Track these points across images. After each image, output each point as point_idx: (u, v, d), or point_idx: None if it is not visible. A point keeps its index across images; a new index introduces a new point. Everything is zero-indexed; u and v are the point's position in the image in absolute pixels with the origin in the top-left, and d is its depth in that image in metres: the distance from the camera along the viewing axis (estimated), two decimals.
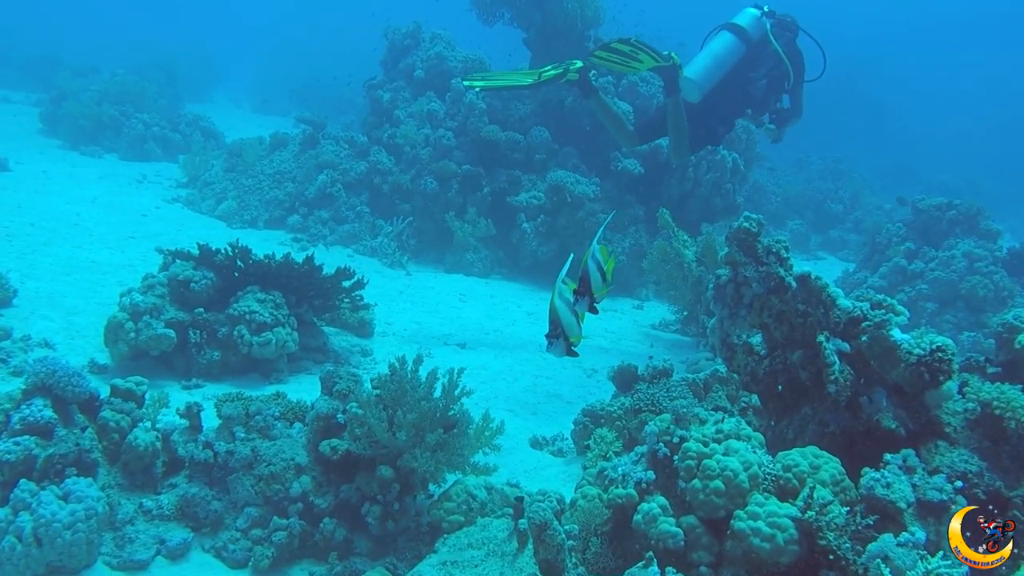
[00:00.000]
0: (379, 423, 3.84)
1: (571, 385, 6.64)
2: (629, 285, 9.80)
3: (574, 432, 5.22)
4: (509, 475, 4.91)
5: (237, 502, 4.05)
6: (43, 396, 3.80)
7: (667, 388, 5.06)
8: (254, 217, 10.63)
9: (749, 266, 4.27)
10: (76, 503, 3.55)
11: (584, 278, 3.10)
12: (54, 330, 6.10)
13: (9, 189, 10.10)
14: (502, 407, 6.07)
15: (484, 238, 10.05)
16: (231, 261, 6.08)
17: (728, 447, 3.41)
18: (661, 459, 3.58)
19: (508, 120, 10.76)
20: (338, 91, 19.72)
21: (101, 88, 14.52)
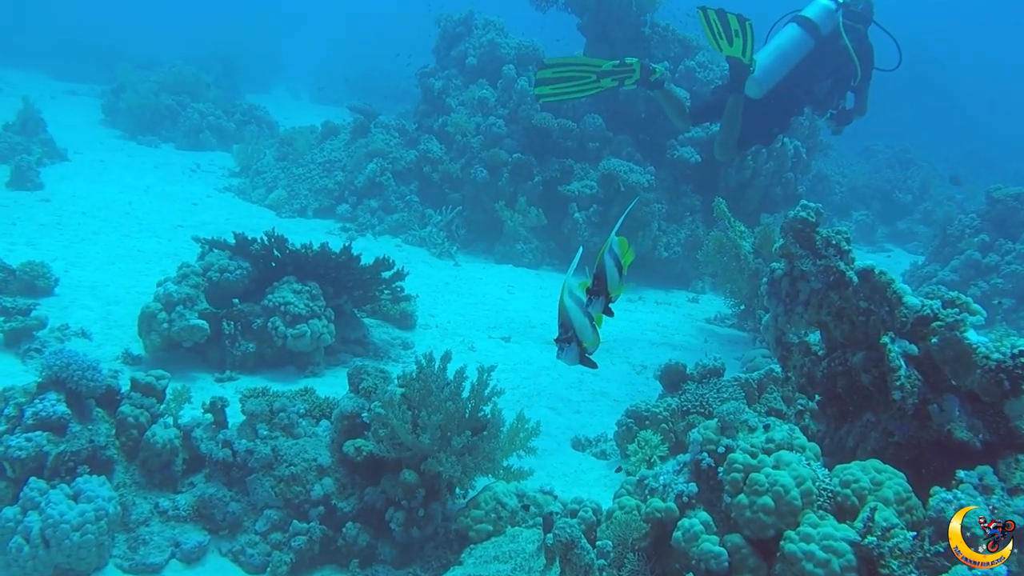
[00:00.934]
0: (402, 424, 3.61)
1: (618, 382, 6.33)
2: (684, 277, 9.42)
3: (617, 434, 4.93)
4: (547, 478, 4.65)
5: (256, 504, 3.87)
6: (57, 390, 3.66)
7: (717, 388, 4.73)
8: (303, 206, 10.54)
9: (806, 259, 3.91)
10: (86, 503, 3.40)
11: (599, 275, 2.77)
12: (92, 320, 6.04)
13: (66, 179, 10.20)
14: (544, 404, 5.80)
15: (535, 228, 9.77)
16: (267, 251, 5.93)
17: (779, 459, 3.08)
18: (705, 470, 3.26)
19: (561, 107, 10.43)
20: (394, 81, 19.65)
21: (159, 79, 14.66)
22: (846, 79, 6.38)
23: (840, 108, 6.53)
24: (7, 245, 7.35)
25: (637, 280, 9.26)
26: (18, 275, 6.19)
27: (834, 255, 3.77)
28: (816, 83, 6.40)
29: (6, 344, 5.37)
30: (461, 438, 3.64)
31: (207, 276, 5.74)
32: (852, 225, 13.12)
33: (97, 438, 3.67)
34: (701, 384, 4.79)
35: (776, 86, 6.23)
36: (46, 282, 6.29)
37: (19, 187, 9.38)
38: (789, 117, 6.56)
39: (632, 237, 9.27)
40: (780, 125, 6.52)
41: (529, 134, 10.22)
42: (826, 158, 14.45)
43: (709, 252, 7.88)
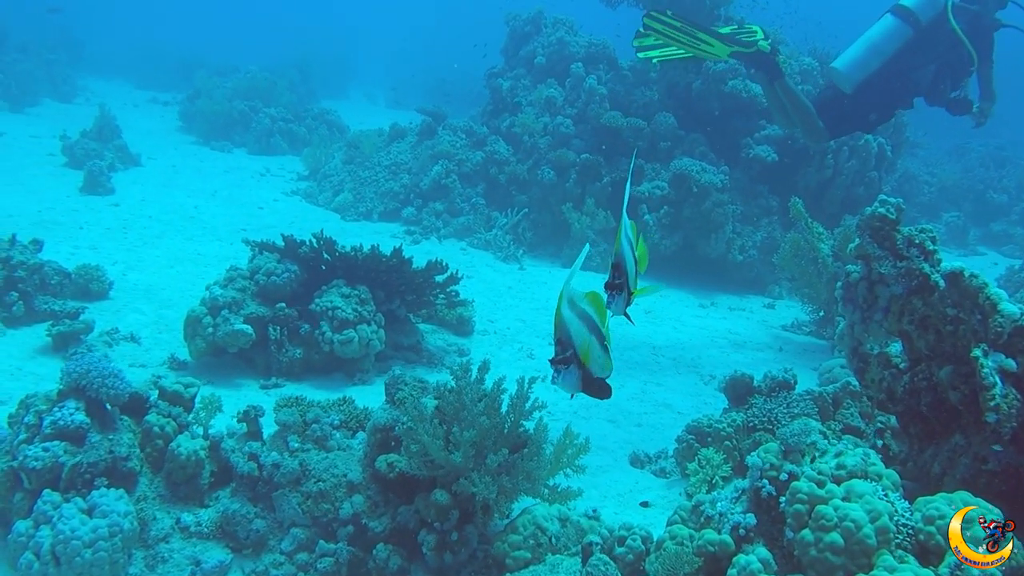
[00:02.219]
0: (434, 440, 3.33)
1: (683, 393, 5.93)
2: (760, 282, 8.92)
3: (677, 451, 4.54)
4: (599, 499, 4.30)
5: (283, 521, 3.65)
6: (76, 398, 3.51)
7: (787, 403, 4.31)
8: (369, 209, 10.42)
9: (885, 261, 3.49)
10: (100, 518, 3.23)
11: (619, 264, 2.23)
12: (143, 324, 5.97)
13: (137, 183, 10.33)
14: (603, 416, 5.45)
15: (603, 230, 9.39)
16: (316, 253, 5.75)
17: (850, 489, 2.68)
18: (765, 499, 2.88)
19: (631, 106, 10.07)
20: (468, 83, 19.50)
21: (234, 85, 14.85)
22: (957, 65, 5.90)
23: (959, 96, 6.05)
24: (71, 248, 7.41)
25: (710, 284, 8.82)
26: (73, 279, 6.18)
27: (917, 256, 3.34)
28: (916, 71, 5.95)
29: (54, 348, 5.33)
30: (497, 456, 3.34)
31: (254, 280, 5.59)
32: (942, 227, 12.31)
33: (118, 448, 3.50)
34: (769, 398, 4.37)
35: (870, 77, 5.87)
36: (100, 285, 6.26)
37: (91, 192, 9.53)
38: (893, 106, 6.11)
39: (704, 239, 8.83)
40: (880, 112, 6.09)
41: (598, 134, 9.88)
42: (914, 157, 13.65)
43: (785, 255, 7.40)
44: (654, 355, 6.66)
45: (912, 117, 9.69)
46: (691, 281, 8.82)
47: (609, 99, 10.09)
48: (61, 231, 7.97)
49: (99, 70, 19.46)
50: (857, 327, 3.82)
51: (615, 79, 10.55)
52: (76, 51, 19.48)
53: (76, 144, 10.62)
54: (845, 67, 5.91)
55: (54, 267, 6.03)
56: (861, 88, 5.93)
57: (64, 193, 9.39)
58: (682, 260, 9.04)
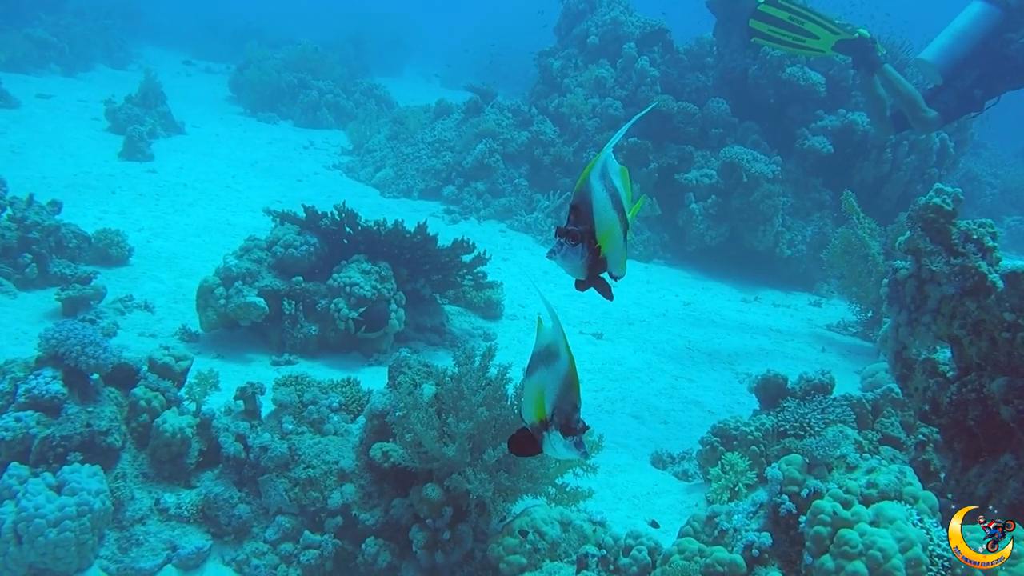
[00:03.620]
0: (427, 431, 3.06)
1: (716, 391, 5.58)
2: (808, 278, 8.48)
3: (699, 454, 4.21)
4: (612, 500, 4.00)
5: (268, 508, 3.42)
6: (54, 366, 3.31)
7: (822, 408, 3.94)
8: (409, 187, 10.18)
9: (938, 257, 3.12)
10: (69, 496, 3.02)
11: (579, 207, 1.59)
12: (160, 292, 5.82)
13: (177, 151, 10.24)
14: (628, 412, 5.14)
15: (647, 218, 9.03)
16: (338, 226, 5.52)
17: (880, 512, 2.33)
18: (784, 517, 2.55)
19: (683, 90, 9.67)
20: (523, 62, 19.14)
21: (283, 56, 14.73)
22: None
23: None
24: (99, 213, 7.30)
25: (755, 278, 8.40)
26: (93, 243, 6.04)
27: (974, 253, 2.97)
28: (1008, 46, 5.57)
29: (63, 313, 5.18)
30: (496, 452, 3.05)
31: (272, 251, 5.38)
32: (1003, 231, 11.62)
33: (97, 422, 3.30)
34: (803, 402, 4.01)
35: (963, 61, 5.63)
36: (120, 251, 6.13)
37: (129, 157, 9.45)
38: (992, 81, 5.71)
39: (752, 232, 8.41)
40: (984, 86, 5.72)
41: (648, 117, 9.47)
42: (977, 157, 12.95)
43: (835, 251, 6.97)
44: (688, 349, 6.31)
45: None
46: (735, 274, 8.42)
47: (661, 82, 9.71)
48: (93, 195, 7.88)
49: (156, 39, 19.56)
50: (903, 329, 3.45)
51: (669, 62, 10.14)
52: (134, 19, 19.60)
53: (120, 109, 10.56)
54: (934, 57, 5.68)
55: (72, 230, 5.90)
56: (957, 72, 5.68)
57: (102, 158, 9.32)
58: (727, 252, 8.64)
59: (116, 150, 9.55)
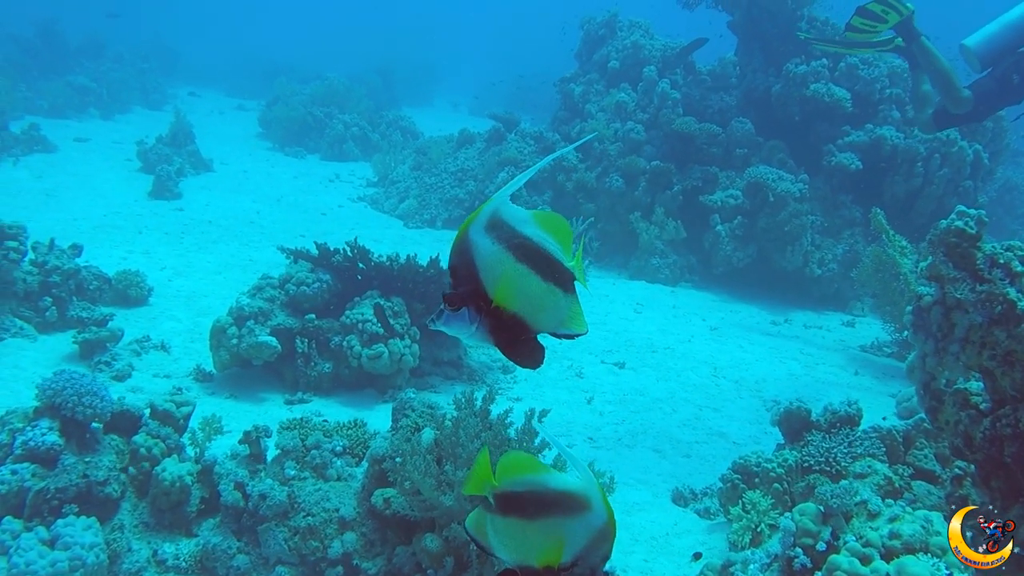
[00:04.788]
0: (425, 479, 2.96)
1: (742, 421, 5.40)
2: (840, 298, 8.25)
3: (720, 492, 4.04)
4: (628, 541, 3.84)
5: (268, 558, 3.33)
6: (51, 417, 3.28)
7: (849, 441, 3.76)
8: (433, 216, 10.17)
9: (963, 283, 2.94)
10: (62, 550, 2.97)
11: (456, 267, 1.39)
12: (177, 332, 5.82)
13: (205, 188, 10.35)
14: (649, 445, 4.98)
15: (672, 241, 8.88)
16: (350, 262, 5.47)
17: (901, 569, 2.18)
18: (798, 571, 2.39)
19: (706, 111, 9.53)
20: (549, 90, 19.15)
21: (311, 92, 14.89)
22: None
23: None
24: (124, 253, 7.36)
25: (785, 300, 8.20)
26: (113, 284, 6.08)
27: (1001, 279, 2.79)
28: None
29: (80, 356, 5.20)
30: None
31: (285, 289, 5.35)
32: None
33: (94, 472, 3.25)
34: (829, 435, 3.83)
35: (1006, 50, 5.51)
36: (139, 291, 6.15)
37: (158, 196, 9.57)
38: None
39: (780, 252, 8.22)
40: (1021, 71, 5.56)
41: (670, 140, 9.37)
42: (1017, 166, 12.57)
43: (866, 270, 6.78)
44: (714, 376, 6.14)
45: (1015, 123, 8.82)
46: (764, 296, 8.23)
47: (683, 104, 9.57)
48: (119, 235, 7.96)
49: (192, 78, 19.92)
50: (930, 359, 3.26)
51: (691, 83, 10.01)
52: (171, 61, 20.06)
53: (151, 150, 10.72)
54: (975, 44, 5.54)
55: (93, 272, 5.94)
56: (996, 61, 5.56)
57: (132, 197, 9.45)
58: (756, 273, 8.45)
59: (146, 189, 9.67)
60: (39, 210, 8.48)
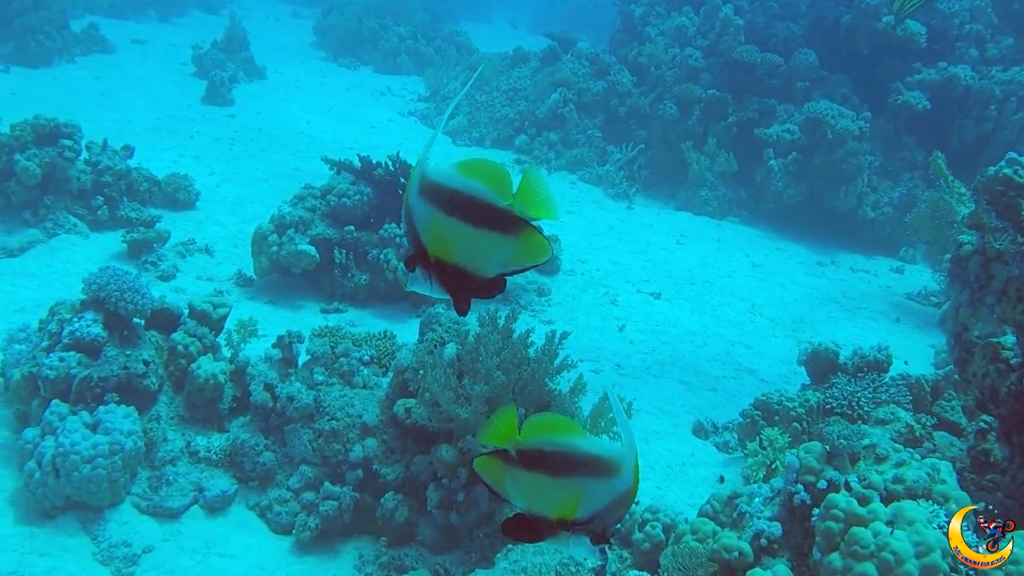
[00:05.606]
0: (443, 391, 3.03)
1: (774, 360, 5.38)
2: (892, 243, 8.05)
3: (739, 427, 4.07)
4: (644, 468, 3.90)
5: (293, 457, 3.48)
6: (95, 310, 3.42)
7: (874, 386, 3.74)
8: (482, 135, 10.10)
9: (1004, 234, 2.88)
10: (103, 435, 3.14)
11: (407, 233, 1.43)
12: (221, 236, 5.95)
13: (257, 96, 10.38)
14: (675, 377, 5.01)
15: (723, 174, 8.73)
16: (392, 177, 5.50)
17: (899, 512, 2.19)
18: (798, 507, 2.43)
19: (769, 40, 9.20)
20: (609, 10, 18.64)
21: (367, 1, 14.67)
22: None
23: None
24: (175, 156, 7.48)
25: (834, 241, 8.04)
26: (163, 187, 6.20)
27: None
28: None
29: (128, 255, 5.36)
30: None
31: (326, 200, 5.41)
32: None
33: (134, 365, 3.40)
34: (855, 379, 3.81)
35: None
36: (187, 195, 6.27)
37: (211, 102, 9.64)
38: None
39: (833, 192, 8.04)
40: None
41: (729, 69, 9.10)
42: None
43: (921, 215, 6.61)
44: (751, 313, 6.10)
45: None
46: (812, 236, 8.08)
47: (746, 31, 9.25)
48: (172, 139, 8.08)
49: None
50: (963, 310, 3.22)
51: (757, 9, 9.65)
52: None
53: (205, 55, 10.75)
54: None
55: (144, 174, 6.07)
56: None
57: (185, 102, 9.53)
58: (806, 212, 8.28)
59: (199, 94, 9.74)
60: (96, 110, 8.61)
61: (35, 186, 5.52)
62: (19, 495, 3.17)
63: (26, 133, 5.54)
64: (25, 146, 5.51)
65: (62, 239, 5.54)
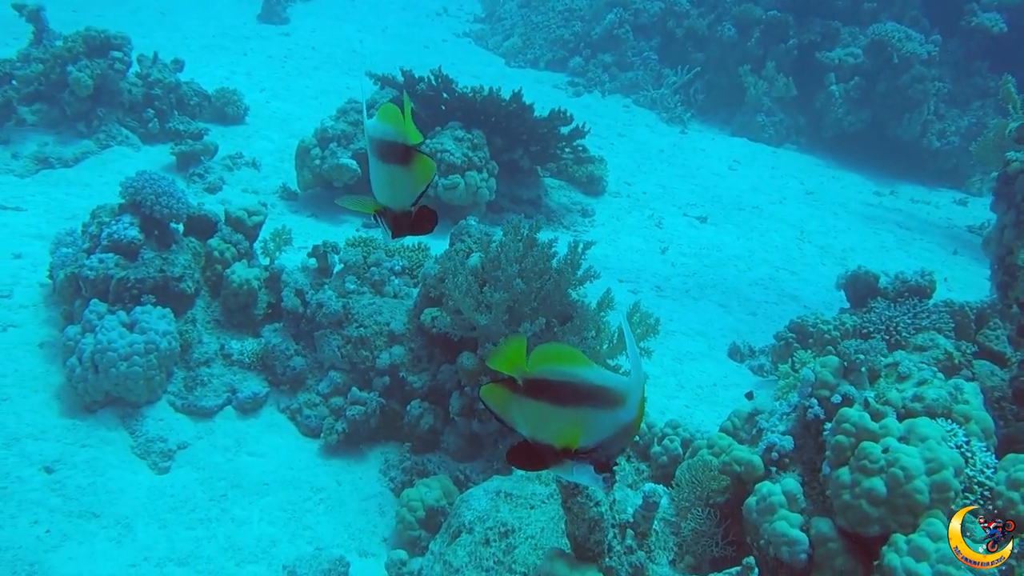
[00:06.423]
0: (464, 298, 3.04)
1: (818, 286, 5.26)
2: (957, 174, 7.75)
3: (774, 349, 4.01)
4: (674, 387, 3.91)
5: (323, 362, 3.54)
6: (132, 213, 3.49)
7: (915, 312, 3.63)
8: (536, 57, 9.93)
9: None
10: (139, 334, 3.24)
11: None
12: (268, 151, 6.00)
13: (312, 15, 10.34)
14: (715, 300, 4.95)
15: (781, 99, 8.46)
16: (435, 92, 5.45)
17: (912, 428, 2.14)
18: (811, 422, 2.39)
19: None
20: None
21: None
22: None
23: None
24: (227, 73, 7.52)
25: (895, 171, 7.77)
26: (212, 101, 6.25)
27: None
28: None
29: (177, 167, 5.44)
30: (533, 325, 3.01)
31: (369, 114, 5.38)
32: None
33: (171, 268, 3.48)
34: (895, 303, 3.70)
35: None
36: (236, 110, 6.32)
37: (267, 20, 9.64)
38: None
39: (897, 119, 7.72)
40: None
41: None
42: None
43: (986, 143, 6.32)
44: (799, 240, 5.96)
45: None
46: (872, 165, 7.81)
47: None
48: (225, 56, 8.12)
49: None
50: (1008, 231, 3.10)
51: None
52: None
53: None
54: None
55: (194, 88, 6.12)
56: None
57: (241, 20, 9.54)
58: (866, 140, 8.01)
59: (255, 12, 9.75)
60: (154, 28, 8.67)
61: (87, 97, 5.61)
62: (63, 390, 3.30)
63: (77, 44, 5.61)
64: (77, 57, 5.59)
65: (114, 150, 5.65)
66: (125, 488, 2.99)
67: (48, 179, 5.20)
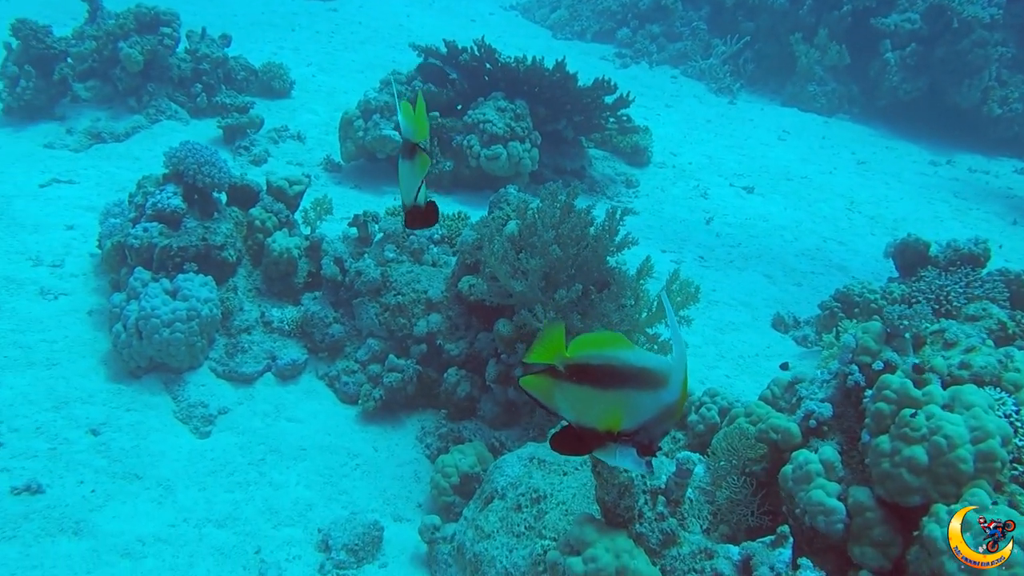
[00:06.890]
0: (500, 264, 3.02)
1: (867, 257, 5.12)
2: (1019, 143, 7.45)
3: (819, 319, 3.92)
4: (714, 357, 3.85)
5: (361, 330, 3.56)
6: (176, 183, 3.53)
7: (967, 281, 3.51)
8: (583, 28, 9.81)
9: None
10: (181, 301, 3.29)
11: None
12: (313, 124, 6.03)
13: None
14: (760, 270, 4.85)
15: (834, 68, 8.22)
16: (478, 62, 5.41)
17: (957, 396, 2.07)
18: (852, 389, 2.33)
19: None
20: None
21: None
22: None
23: None
24: (275, 48, 7.58)
25: (952, 140, 7.51)
26: (259, 76, 6.31)
27: None
28: None
29: (224, 140, 5.50)
30: (569, 292, 2.97)
31: (411, 85, 5.39)
32: None
33: (213, 237, 3.52)
34: (946, 272, 3.59)
35: None
36: (282, 84, 6.36)
37: None
38: None
39: (956, 86, 7.46)
40: None
41: None
42: None
43: None
44: (849, 210, 5.81)
45: None
46: (928, 135, 7.56)
47: None
48: (273, 32, 8.17)
49: None
50: None
51: None
52: None
53: None
54: None
55: (241, 63, 6.18)
56: None
57: None
58: (923, 108, 7.75)
59: None
60: (204, 5, 8.74)
61: (138, 73, 5.70)
62: (110, 356, 3.38)
63: (128, 21, 5.70)
64: (128, 34, 5.68)
65: (163, 124, 5.73)
66: (167, 451, 3.05)
67: (100, 153, 5.31)
